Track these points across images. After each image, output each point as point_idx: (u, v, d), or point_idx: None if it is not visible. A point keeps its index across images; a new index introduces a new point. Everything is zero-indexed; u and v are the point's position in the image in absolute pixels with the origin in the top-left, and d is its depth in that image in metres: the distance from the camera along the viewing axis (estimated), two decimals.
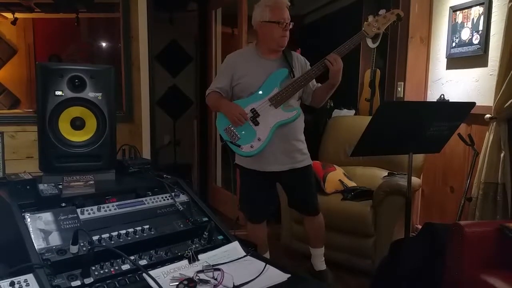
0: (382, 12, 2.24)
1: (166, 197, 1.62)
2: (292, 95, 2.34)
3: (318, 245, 2.71)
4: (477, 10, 2.96)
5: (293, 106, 2.40)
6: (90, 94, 1.65)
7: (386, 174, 3.14)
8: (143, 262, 1.33)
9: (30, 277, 1.12)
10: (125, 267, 1.28)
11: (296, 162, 2.45)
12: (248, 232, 2.63)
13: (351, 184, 3.19)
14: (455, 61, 3.22)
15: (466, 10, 3.07)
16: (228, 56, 2.48)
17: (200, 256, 1.37)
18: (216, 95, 2.40)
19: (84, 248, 1.27)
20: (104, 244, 1.33)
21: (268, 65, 2.37)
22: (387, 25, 2.24)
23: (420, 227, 2.85)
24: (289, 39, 2.39)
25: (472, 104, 2.11)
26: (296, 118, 2.38)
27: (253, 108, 2.31)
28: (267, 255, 2.63)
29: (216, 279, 1.24)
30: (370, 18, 2.26)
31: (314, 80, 2.44)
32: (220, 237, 1.53)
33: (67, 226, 1.34)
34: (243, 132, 2.32)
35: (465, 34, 3.07)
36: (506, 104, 2.59)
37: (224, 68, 2.46)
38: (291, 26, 2.35)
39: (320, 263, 2.72)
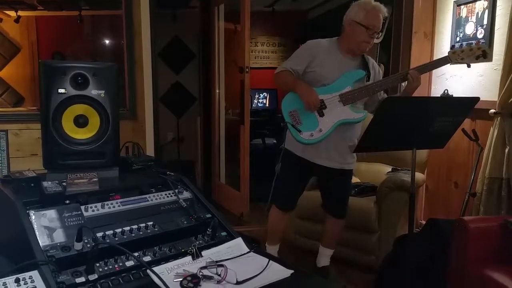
0: (469, 44, 2.26)
1: (169, 194, 1.63)
2: (364, 97, 2.36)
3: (330, 246, 2.73)
4: (482, 4, 2.94)
5: (360, 107, 2.41)
6: (93, 91, 1.65)
7: (390, 170, 3.13)
8: (147, 258, 1.33)
9: (35, 273, 1.13)
10: (129, 263, 1.28)
11: (346, 164, 2.46)
12: (271, 220, 2.65)
13: (355, 180, 3.18)
14: None
15: (470, 4, 3.05)
16: (310, 41, 2.46)
17: (204, 253, 1.37)
18: (291, 74, 2.39)
19: (88, 245, 1.27)
20: (108, 240, 1.33)
21: (346, 63, 2.37)
22: (471, 58, 2.23)
23: (424, 222, 2.85)
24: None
25: (476, 99, 2.10)
26: (361, 120, 2.38)
27: (322, 100, 2.32)
28: (277, 247, 2.67)
29: (219, 275, 1.24)
30: (457, 47, 2.29)
31: (382, 91, 2.45)
32: (224, 233, 1.54)
33: (71, 223, 1.35)
34: (306, 119, 2.33)
35: (469, 29, 3.05)
36: (511, 99, 2.57)
37: (303, 52, 2.44)
38: (378, 37, 2.31)
39: (324, 261, 2.74)
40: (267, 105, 6.33)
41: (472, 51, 2.23)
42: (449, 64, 2.33)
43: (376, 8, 2.31)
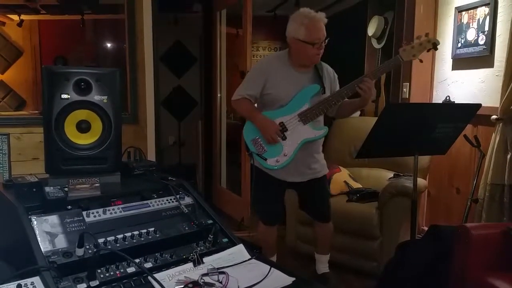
0: (419, 38, 2.22)
1: (171, 199, 1.62)
2: (322, 113, 2.35)
3: (324, 252, 2.72)
4: (483, 11, 2.94)
5: (321, 122, 2.41)
6: (95, 97, 1.66)
7: (392, 175, 3.13)
8: (148, 265, 1.33)
9: (36, 279, 1.13)
10: (131, 270, 1.28)
11: (316, 173, 2.48)
12: (259, 234, 2.63)
13: (356, 185, 3.18)
14: (460, 62, 3.20)
15: (471, 11, 3.05)
16: (261, 62, 2.47)
17: (205, 259, 1.37)
18: (249, 104, 2.38)
19: (90, 251, 1.27)
20: (109, 246, 1.33)
21: (299, 78, 2.35)
22: (422, 52, 2.22)
23: (426, 229, 2.84)
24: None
25: (478, 105, 2.10)
26: (323, 136, 2.40)
27: (282, 122, 2.32)
28: (274, 258, 2.64)
29: (221, 282, 1.23)
30: (406, 44, 2.24)
31: None
32: (225, 239, 1.53)
33: (73, 229, 1.34)
34: (270, 145, 2.34)
35: (470, 35, 3.05)
36: None
37: (256, 75, 2.41)
38: (326, 42, 2.29)
39: (323, 268, 2.73)
40: None
41: (422, 46, 2.20)
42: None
43: (314, 20, 2.25)
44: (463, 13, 3.13)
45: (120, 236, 1.38)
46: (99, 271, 1.24)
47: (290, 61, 2.37)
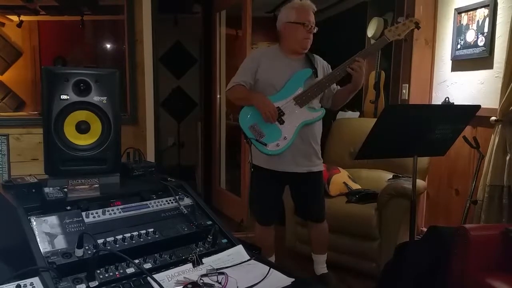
0: (401, 19, 2.34)
1: (170, 200, 1.62)
2: (318, 95, 2.37)
3: (321, 252, 2.72)
4: (482, 12, 2.95)
5: (315, 107, 2.43)
6: (95, 98, 1.65)
7: (391, 176, 3.13)
8: (147, 265, 1.33)
9: (36, 280, 1.13)
10: (130, 270, 1.28)
11: (313, 166, 2.47)
12: (256, 235, 2.62)
13: (355, 186, 3.18)
14: (460, 63, 3.21)
15: (471, 12, 3.06)
16: (253, 51, 2.50)
17: (204, 260, 1.37)
18: (244, 88, 2.40)
19: (89, 252, 1.27)
20: (108, 247, 1.33)
21: (291, 64, 2.39)
22: (406, 32, 2.31)
23: (425, 230, 2.84)
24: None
25: (477, 107, 2.10)
26: (321, 118, 2.41)
27: (278, 107, 2.33)
28: (272, 258, 2.63)
29: (220, 283, 1.24)
30: (391, 26, 2.37)
31: (334, 83, 2.46)
32: (224, 240, 1.53)
33: (72, 230, 1.34)
34: (268, 130, 2.34)
35: (470, 36, 3.06)
36: None
37: (248, 63, 2.47)
38: (315, 30, 2.38)
39: (321, 268, 2.73)
40: None
41: (405, 26, 2.30)
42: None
43: (304, 5, 2.37)
44: (463, 14, 3.14)
45: (119, 237, 1.38)
46: (98, 271, 1.24)
47: (282, 51, 2.45)
